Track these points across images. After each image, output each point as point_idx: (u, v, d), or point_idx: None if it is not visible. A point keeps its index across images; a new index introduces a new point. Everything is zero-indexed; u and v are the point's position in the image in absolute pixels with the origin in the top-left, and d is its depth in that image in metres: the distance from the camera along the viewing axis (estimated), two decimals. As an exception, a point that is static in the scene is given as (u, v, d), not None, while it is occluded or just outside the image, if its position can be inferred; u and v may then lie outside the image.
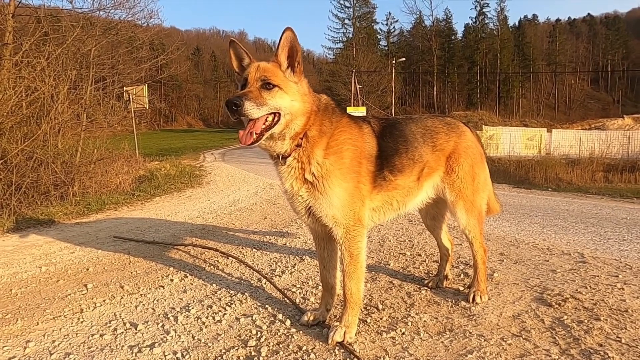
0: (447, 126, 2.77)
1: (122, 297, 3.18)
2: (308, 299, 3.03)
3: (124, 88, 16.65)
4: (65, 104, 10.50)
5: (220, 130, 68.56)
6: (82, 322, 2.74)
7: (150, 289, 3.36)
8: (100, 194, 9.58)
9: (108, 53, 13.57)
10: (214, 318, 2.72)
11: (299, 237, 5.02)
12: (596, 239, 4.76)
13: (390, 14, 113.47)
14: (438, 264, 3.37)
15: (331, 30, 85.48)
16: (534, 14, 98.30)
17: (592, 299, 2.83)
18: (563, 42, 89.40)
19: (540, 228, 5.44)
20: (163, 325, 2.64)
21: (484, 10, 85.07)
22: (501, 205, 3.30)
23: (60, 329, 2.65)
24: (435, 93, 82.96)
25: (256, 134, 2.09)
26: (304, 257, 4.13)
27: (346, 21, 76.72)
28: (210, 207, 7.57)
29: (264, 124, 2.12)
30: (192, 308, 2.89)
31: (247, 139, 2.08)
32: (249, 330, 2.53)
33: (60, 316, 2.85)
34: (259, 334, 2.48)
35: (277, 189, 9.53)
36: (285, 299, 3.01)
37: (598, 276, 3.32)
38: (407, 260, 3.94)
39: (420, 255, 4.07)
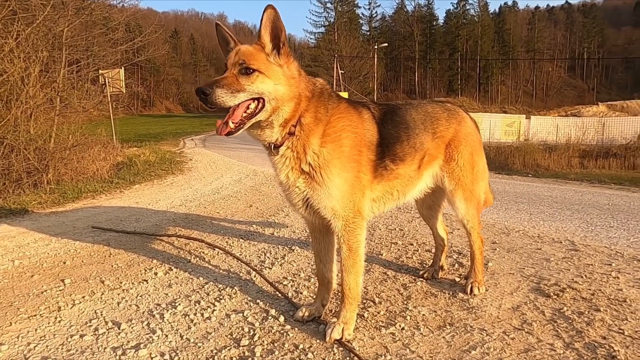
0: (448, 112, 2.65)
1: (102, 293, 2.99)
2: (301, 292, 2.91)
3: (100, 71, 16.02)
4: (37, 87, 10.00)
5: (200, 116, 67.21)
6: (59, 322, 2.55)
7: (133, 283, 3.18)
8: (77, 181, 9.21)
9: (82, 34, 12.94)
10: (202, 315, 2.58)
11: (287, 227, 4.88)
12: (584, 226, 4.78)
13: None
14: (433, 255, 3.29)
15: (313, 14, 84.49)
16: (513, 1, 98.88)
17: (590, 289, 2.80)
18: (542, 30, 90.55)
19: (528, 215, 5.45)
20: (148, 324, 2.48)
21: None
22: (494, 197, 3.24)
23: (36, 330, 2.46)
24: (416, 79, 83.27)
25: (234, 123, 1.94)
26: (293, 248, 4.00)
27: (328, 5, 75.69)
28: (193, 195, 7.35)
29: (245, 111, 1.96)
30: (179, 304, 2.74)
31: (223, 129, 1.94)
32: (240, 328, 2.40)
33: (35, 315, 2.66)
34: (251, 332, 2.35)
35: (261, 176, 9.35)
36: (277, 293, 2.89)
37: (592, 265, 3.30)
38: (399, 249, 3.86)
39: (412, 245, 4.00)
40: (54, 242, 4.49)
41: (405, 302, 2.68)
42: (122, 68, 18.53)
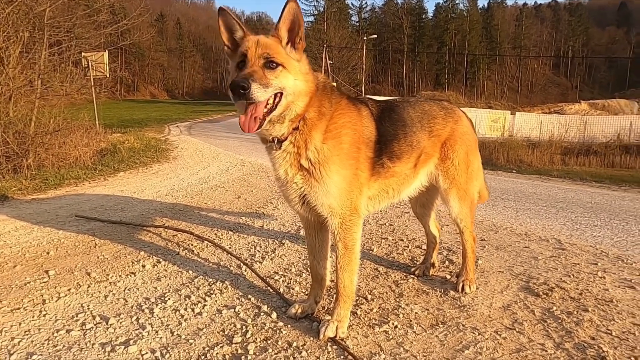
0: (444, 111, 2.64)
1: (89, 286, 2.92)
2: (292, 288, 2.89)
3: (83, 54, 15.58)
4: (17, 69, 9.67)
5: (185, 102, 66.25)
6: (45, 316, 2.48)
7: (120, 276, 3.11)
8: (58, 167, 8.98)
9: (64, 15, 12.51)
10: (193, 310, 2.54)
11: (277, 219, 4.85)
12: (569, 224, 4.86)
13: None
14: (425, 252, 3.30)
15: (303, 3, 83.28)
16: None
17: (577, 289, 2.85)
18: (529, 27, 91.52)
19: (514, 212, 5.52)
20: (137, 319, 2.43)
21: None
22: (489, 192, 3.26)
23: (20, 324, 2.39)
24: (404, 72, 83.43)
25: (259, 119, 1.90)
26: (283, 241, 3.97)
27: (318, -6, 74.90)
28: (180, 184, 7.23)
29: (266, 106, 1.92)
30: (169, 298, 2.69)
31: (252, 125, 1.89)
32: (232, 324, 2.37)
33: (19, 308, 2.58)
34: (244, 329, 2.32)
35: (249, 166, 9.25)
36: (269, 288, 2.86)
37: (578, 264, 3.36)
38: (390, 245, 3.87)
39: (402, 240, 4.01)
40: (36, 231, 4.37)
41: (397, 300, 2.69)
42: (106, 51, 18.07)
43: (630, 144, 17.34)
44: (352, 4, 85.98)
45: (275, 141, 2.07)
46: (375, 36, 56.85)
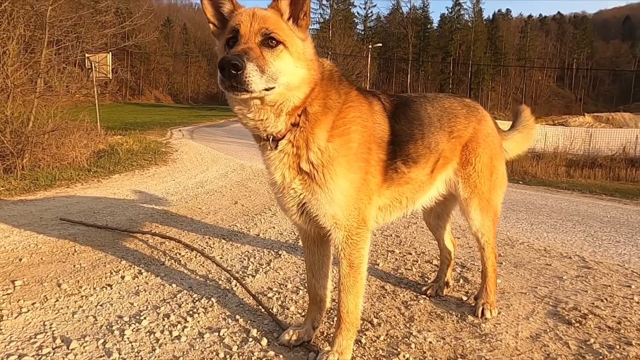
0: (467, 109, 2.30)
1: (57, 300, 2.58)
2: (287, 308, 2.54)
3: (86, 55, 15.40)
4: (15, 66, 9.42)
5: (189, 107, 66.12)
6: (-2, 335, 2.14)
7: (94, 288, 2.77)
8: (52, 168, 8.68)
9: (68, 15, 12.30)
10: (170, 333, 2.19)
11: (274, 227, 4.50)
12: (589, 239, 4.50)
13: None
14: (437, 268, 2.95)
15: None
16: (507, 9, 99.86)
17: (614, 316, 2.49)
18: (533, 39, 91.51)
19: (529, 225, 5.16)
20: (104, 343, 2.08)
21: (460, 1, 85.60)
22: None
23: (-34, 346, 2.04)
24: (408, 81, 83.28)
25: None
26: (280, 252, 3.62)
27: (324, 2, 75.33)
28: (175, 188, 6.90)
29: None
30: (145, 318, 2.34)
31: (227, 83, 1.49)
32: (214, 352, 2.01)
33: (-30, 326, 2.24)
34: (227, 358, 1.97)
35: (249, 170, 8.93)
36: (261, 307, 2.51)
37: (610, 286, 2.99)
38: (397, 259, 3.51)
39: (410, 254, 3.65)
40: (14, 235, 4.04)
41: (408, 325, 2.33)
42: (110, 53, 17.90)
43: (636, 158, 17.03)
44: (358, 13, 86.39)
45: (271, 139, 1.72)
46: (380, 45, 56.77)
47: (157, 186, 7.06)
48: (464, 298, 2.73)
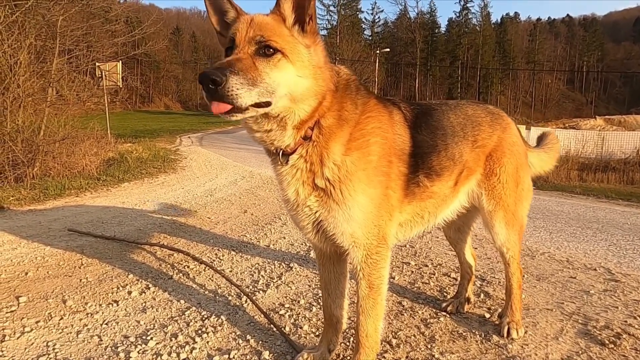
0: (490, 116, 2.17)
1: (61, 318, 2.48)
2: (300, 327, 2.41)
3: (96, 64, 15.53)
4: (26, 76, 9.49)
5: (199, 114, 66.51)
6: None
7: (100, 305, 2.67)
8: (63, 176, 8.68)
9: (79, 25, 12.42)
10: (178, 355, 2.08)
11: (284, 238, 4.39)
12: (613, 249, 4.31)
13: (375, 3, 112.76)
14: (457, 283, 2.81)
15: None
16: (515, 12, 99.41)
17: (650, 336, 2.33)
18: (542, 42, 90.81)
19: (547, 234, 4.98)
20: (109, 366, 1.98)
21: (467, 5, 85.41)
22: None
23: (-34, 369, 1.95)
24: (417, 85, 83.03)
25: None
26: (291, 265, 3.50)
27: (331, 8, 75.54)
28: (184, 196, 6.83)
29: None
30: (151, 338, 2.23)
31: (222, 107, 1.39)
32: (225, 377, 1.90)
33: (-29, 347, 2.15)
34: (238, 384, 1.85)
35: (258, 178, 8.84)
36: (272, 326, 2.39)
37: (641, 301, 2.83)
38: (413, 272, 3.37)
39: (427, 266, 3.51)
40: (22, 246, 3.98)
41: (429, 346, 2.19)
42: (120, 62, 18.04)
43: (651, 161, 16.66)
44: (365, 19, 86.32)
45: (280, 153, 1.60)
46: (388, 50, 56.63)
47: (166, 195, 7.00)
48: (487, 315, 2.58)
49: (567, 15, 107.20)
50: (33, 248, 3.92)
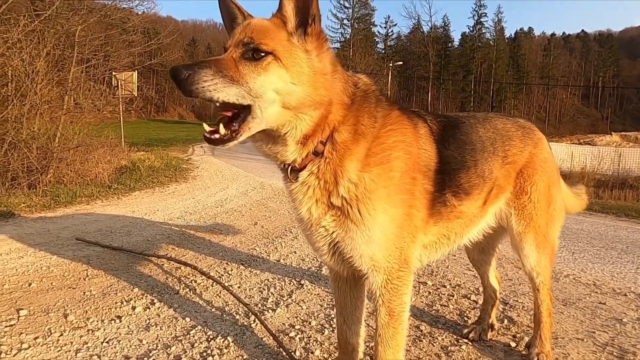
0: (522, 130, 2.02)
1: (61, 334, 2.37)
2: (312, 352, 2.26)
3: (113, 73, 15.74)
4: (43, 83, 9.61)
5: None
6: (-7, 378, 1.93)
7: (102, 321, 2.55)
8: (75, 183, 8.69)
9: (97, 33, 12.61)
10: (181, 381, 1.94)
11: (295, 252, 4.24)
12: (641, 272, 4.08)
13: (389, 17, 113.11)
14: (480, 307, 2.63)
15: (329, 30, 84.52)
16: (529, 27, 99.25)
17: (695, 373, 2.13)
18: (557, 57, 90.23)
19: (569, 254, 4.75)
20: (107, 391, 1.85)
21: (481, 20, 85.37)
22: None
23: (-43, 389, 1.84)
24: (429, 99, 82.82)
25: (228, 128, 1.34)
26: (302, 282, 3.35)
27: (345, 21, 76.07)
28: (194, 206, 6.75)
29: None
30: (153, 359, 2.10)
31: (211, 134, 1.36)
32: (230, 408, 1.76)
33: (-35, 364, 2.04)
34: (245, 416, 1.70)
35: (269, 189, 8.74)
36: (282, 351, 2.24)
37: (680, 333, 2.62)
38: (430, 293, 3.20)
39: (445, 287, 3.33)
40: (28, 255, 3.91)
41: (451, 378, 2.02)
42: (136, 71, 18.27)
43: (669, 179, 16.28)
44: (379, 32, 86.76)
45: (289, 169, 1.48)
46: (401, 63, 56.77)
47: (176, 204, 6.92)
48: (513, 344, 2.40)
49: (582, 30, 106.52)
50: (39, 257, 3.84)
